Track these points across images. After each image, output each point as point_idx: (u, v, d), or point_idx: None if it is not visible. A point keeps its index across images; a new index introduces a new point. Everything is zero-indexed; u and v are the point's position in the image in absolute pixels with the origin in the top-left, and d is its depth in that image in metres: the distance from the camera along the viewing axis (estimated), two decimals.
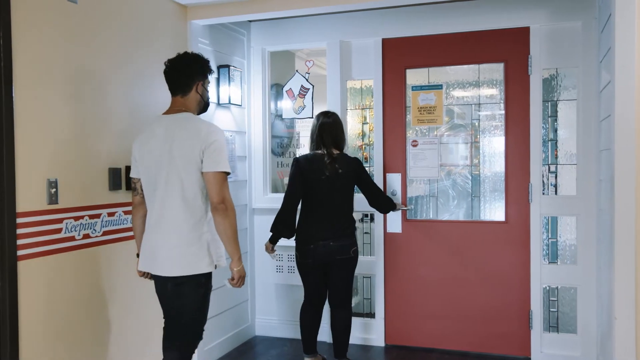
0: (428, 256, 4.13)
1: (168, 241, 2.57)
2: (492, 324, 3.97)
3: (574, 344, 3.83)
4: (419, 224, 4.16)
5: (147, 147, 2.63)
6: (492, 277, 3.97)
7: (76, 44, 2.82)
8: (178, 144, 2.54)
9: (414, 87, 4.14)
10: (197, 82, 2.70)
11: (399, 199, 4.12)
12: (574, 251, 3.88)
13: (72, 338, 2.79)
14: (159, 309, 3.41)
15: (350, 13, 4.16)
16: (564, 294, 4.03)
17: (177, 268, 2.56)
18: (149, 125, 2.72)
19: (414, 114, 4.15)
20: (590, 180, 3.73)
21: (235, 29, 4.28)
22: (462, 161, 4.13)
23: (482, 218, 4.07)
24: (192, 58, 2.72)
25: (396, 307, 4.22)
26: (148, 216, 2.66)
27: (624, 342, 2.83)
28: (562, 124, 3.95)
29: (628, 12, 2.80)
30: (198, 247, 2.57)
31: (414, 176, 4.18)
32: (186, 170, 2.54)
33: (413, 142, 4.15)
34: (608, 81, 3.13)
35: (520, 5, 3.85)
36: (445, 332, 4.10)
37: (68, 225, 2.75)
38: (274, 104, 4.69)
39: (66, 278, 2.75)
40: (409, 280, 4.18)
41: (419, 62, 4.13)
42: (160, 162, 2.57)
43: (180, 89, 2.69)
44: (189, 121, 2.61)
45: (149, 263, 2.64)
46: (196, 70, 2.70)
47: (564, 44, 3.80)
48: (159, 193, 2.58)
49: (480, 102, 4.03)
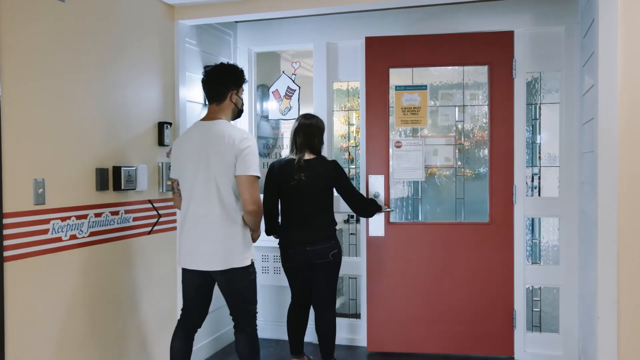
0: (412, 260, 4.03)
1: (211, 238, 2.81)
2: (476, 325, 3.97)
3: (556, 343, 3.90)
4: (403, 227, 4.08)
5: (184, 150, 2.89)
6: (476, 278, 3.97)
7: (64, 43, 2.79)
8: (214, 150, 2.79)
9: (398, 87, 4.05)
10: (232, 91, 2.94)
11: (382, 201, 4.00)
12: (556, 252, 3.95)
13: (59, 339, 2.76)
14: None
15: (337, 15, 4.17)
16: (546, 294, 4.10)
17: (217, 263, 2.82)
18: (188, 129, 2.98)
19: (397, 114, 4.06)
20: (573, 182, 3.80)
21: (221, 29, 4.28)
22: (446, 163, 4.11)
23: (466, 220, 4.07)
24: (227, 68, 2.96)
25: (379, 313, 4.09)
26: (184, 214, 2.90)
27: (607, 340, 2.89)
28: (545, 127, 4.02)
29: (611, 17, 2.85)
30: (235, 244, 2.84)
31: (397, 178, 4.10)
32: (221, 173, 2.79)
33: (397, 143, 4.05)
34: (591, 85, 3.19)
35: (504, 10, 3.91)
36: (428, 336, 4.04)
37: (55, 226, 2.72)
38: (260, 105, 4.69)
39: (53, 279, 2.73)
40: (392, 285, 4.07)
41: (403, 61, 4.04)
42: (197, 166, 2.83)
43: (216, 97, 2.93)
44: (224, 128, 2.84)
45: (190, 260, 2.88)
46: (230, 80, 2.94)
47: (547, 48, 3.87)
48: (196, 193, 2.83)
49: (465, 103, 4.05)
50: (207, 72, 2.96)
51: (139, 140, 3.35)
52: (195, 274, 2.92)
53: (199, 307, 3.03)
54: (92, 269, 2.99)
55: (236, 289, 2.92)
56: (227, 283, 2.90)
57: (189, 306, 3.03)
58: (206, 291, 3.02)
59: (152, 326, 3.50)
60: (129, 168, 3.18)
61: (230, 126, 2.88)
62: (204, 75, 2.98)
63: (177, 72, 3.69)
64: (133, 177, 3.21)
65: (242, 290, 2.92)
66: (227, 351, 4.22)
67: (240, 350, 3.00)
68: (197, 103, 3.97)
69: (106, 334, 3.09)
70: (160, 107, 3.55)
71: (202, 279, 2.93)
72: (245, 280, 2.91)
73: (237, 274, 2.87)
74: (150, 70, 3.46)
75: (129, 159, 3.25)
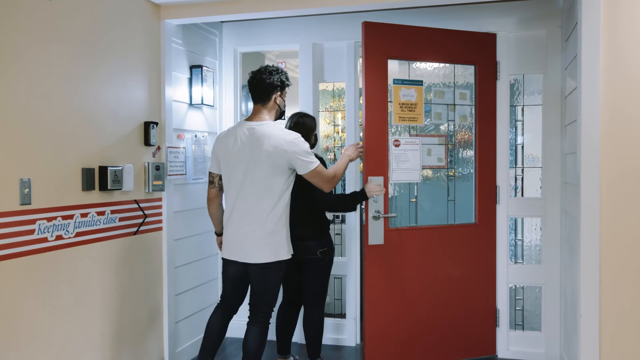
0: (410, 267, 3.78)
1: (254, 233, 3.00)
2: (461, 326, 3.93)
3: (538, 341, 3.96)
4: (401, 233, 3.75)
5: (229, 148, 3.06)
6: (463, 280, 3.92)
7: (49, 41, 2.76)
8: (260, 150, 2.97)
9: (396, 80, 3.78)
10: (276, 93, 3.13)
11: (380, 206, 3.60)
12: (539, 251, 4.01)
13: (45, 341, 2.73)
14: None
15: (323, 16, 4.18)
16: (529, 293, 4.17)
17: (264, 256, 3.01)
18: (232, 128, 3.15)
19: (395, 110, 3.75)
20: (555, 183, 3.87)
21: (207, 29, 4.26)
22: (438, 163, 3.93)
23: (457, 221, 3.98)
24: (272, 71, 3.12)
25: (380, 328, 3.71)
26: (228, 209, 3.10)
27: (589, 338, 2.95)
28: (528, 128, 4.07)
29: (594, 21, 2.91)
30: (279, 238, 3.03)
31: (396, 179, 3.76)
32: (267, 173, 2.98)
33: (395, 142, 3.75)
34: (574, 87, 3.25)
35: (488, 13, 3.95)
36: (424, 345, 3.84)
37: (41, 227, 2.69)
38: (245, 105, 4.68)
39: (39, 280, 2.70)
40: (391, 296, 3.74)
41: (402, 53, 3.77)
42: (244, 165, 3.01)
43: (261, 98, 3.12)
44: (272, 131, 3.02)
45: (235, 252, 3.07)
46: (275, 82, 3.11)
47: (529, 51, 3.93)
48: (244, 191, 3.02)
49: (456, 102, 3.96)
50: (254, 74, 3.13)
51: (125, 140, 3.33)
52: (237, 265, 3.10)
53: (237, 295, 3.22)
54: (78, 270, 2.96)
55: (266, 282, 3.07)
56: (260, 275, 3.05)
57: (228, 294, 3.21)
58: (245, 281, 3.17)
59: (138, 326, 3.48)
60: (115, 168, 3.16)
61: (278, 129, 3.07)
62: (250, 76, 3.15)
63: (163, 72, 3.67)
64: (119, 177, 3.19)
65: (271, 284, 3.09)
66: None
67: (250, 343, 3.10)
68: (183, 103, 3.96)
69: (92, 335, 3.07)
70: (146, 106, 3.53)
71: (242, 270, 3.10)
72: (277, 275, 3.08)
73: (275, 267, 3.05)
74: (136, 70, 3.43)
75: (115, 159, 3.23)
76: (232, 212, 3.08)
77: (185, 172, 3.91)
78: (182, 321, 3.94)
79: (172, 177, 3.75)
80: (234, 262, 3.11)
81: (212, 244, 4.35)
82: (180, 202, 3.88)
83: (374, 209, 3.60)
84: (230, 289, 3.20)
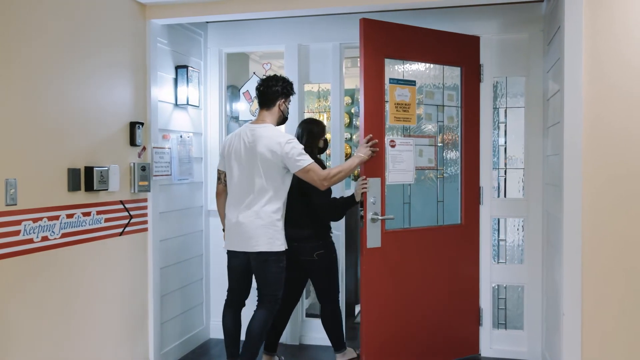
0: (405, 270, 3.70)
1: (250, 224, 3.25)
2: (446, 326, 3.92)
3: (520, 340, 4.02)
4: (396, 235, 3.67)
5: (233, 147, 3.36)
6: (449, 281, 3.91)
7: (33, 41, 2.73)
8: (260, 150, 3.23)
9: (392, 79, 3.66)
10: (280, 100, 3.40)
11: (378, 208, 3.50)
12: (521, 251, 4.07)
13: (31, 341, 2.71)
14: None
15: (309, 17, 4.19)
16: (511, 292, 4.23)
17: (259, 245, 3.25)
18: (239, 129, 3.43)
19: (391, 110, 3.65)
20: (537, 184, 3.93)
21: (192, 29, 4.25)
22: (429, 164, 3.88)
23: (446, 222, 3.95)
24: (278, 80, 3.40)
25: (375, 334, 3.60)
26: (228, 203, 3.40)
27: (571, 336, 3.01)
28: (510, 130, 4.13)
29: (576, 25, 2.97)
30: (274, 231, 3.26)
31: (392, 181, 3.66)
32: (262, 171, 3.24)
33: (391, 142, 3.67)
34: (556, 90, 3.31)
35: (473, 16, 4.00)
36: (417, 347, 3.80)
37: (26, 227, 2.67)
38: (229, 105, 4.68)
39: (24, 281, 2.67)
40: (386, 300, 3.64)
41: (398, 52, 3.69)
42: (243, 162, 3.30)
43: (266, 104, 3.40)
44: (269, 131, 3.29)
45: (236, 243, 3.32)
46: (280, 90, 3.38)
47: (512, 54, 3.98)
48: (241, 186, 3.31)
49: (445, 104, 3.93)
50: (263, 81, 3.42)
51: (111, 140, 3.31)
52: (239, 257, 3.34)
53: (242, 287, 3.47)
54: (64, 271, 2.93)
55: (266, 272, 3.30)
56: (260, 266, 3.30)
57: (234, 288, 3.47)
58: (248, 273, 3.42)
59: (124, 328, 3.46)
60: (101, 168, 3.13)
61: (274, 129, 3.34)
62: (258, 83, 3.43)
63: (149, 72, 3.65)
64: (105, 178, 3.17)
65: (271, 274, 3.31)
66: (197, 352, 4.19)
67: (253, 325, 3.34)
68: (169, 103, 3.94)
69: (77, 336, 3.04)
70: (132, 106, 3.51)
71: (245, 262, 3.34)
72: (276, 265, 3.30)
73: (272, 257, 3.27)
74: (121, 70, 3.41)
75: (101, 159, 3.20)
76: (231, 205, 3.37)
77: (170, 172, 3.89)
78: (168, 322, 3.93)
79: (158, 177, 3.74)
80: (236, 253, 3.36)
81: (198, 245, 4.36)
82: (165, 202, 3.87)
83: (372, 211, 3.50)
84: (235, 282, 3.45)
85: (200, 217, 4.39)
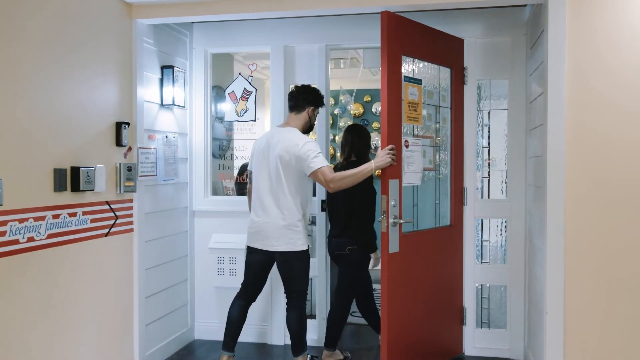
0: (417, 272, 3.63)
1: (271, 224, 3.40)
2: (435, 326, 3.92)
3: (503, 339, 4.08)
4: (410, 238, 3.54)
5: (261, 149, 3.52)
6: (440, 282, 3.91)
7: (18, 40, 2.71)
8: (280, 152, 3.39)
9: (406, 77, 3.49)
10: (309, 108, 3.58)
11: (397, 211, 3.36)
12: (504, 252, 4.13)
13: (16, 343, 2.68)
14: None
15: (295, 19, 4.21)
16: (494, 291, 4.29)
17: (280, 245, 3.40)
18: (268, 132, 3.65)
19: (405, 109, 3.47)
20: (519, 185, 3.99)
21: (178, 29, 4.24)
22: (430, 165, 3.80)
23: (441, 224, 3.98)
24: (311, 89, 3.61)
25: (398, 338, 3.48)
26: (253, 202, 3.55)
27: (554, 334, 3.07)
28: (494, 132, 4.19)
29: (560, 29, 3.04)
30: (295, 232, 3.40)
31: (406, 182, 3.48)
32: (281, 172, 3.39)
33: (406, 142, 3.48)
34: (539, 93, 3.38)
35: (457, 19, 4.05)
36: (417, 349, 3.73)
37: (12, 228, 2.64)
38: (214, 106, 4.67)
39: (10, 282, 2.64)
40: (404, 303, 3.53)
41: (412, 50, 3.55)
42: (266, 163, 3.46)
43: (296, 107, 3.57)
44: (292, 135, 3.44)
45: (259, 241, 3.46)
46: (311, 99, 3.58)
47: (495, 57, 4.04)
48: (267, 187, 3.44)
49: (440, 104, 3.91)
50: (297, 88, 3.62)
51: (97, 140, 3.29)
52: (260, 253, 3.48)
53: (257, 283, 3.61)
54: (50, 272, 2.90)
55: (291, 270, 3.45)
56: (283, 264, 3.45)
57: (249, 282, 3.60)
58: (266, 270, 3.59)
59: (109, 328, 3.43)
60: (87, 168, 3.11)
61: (296, 133, 3.47)
62: (292, 88, 3.64)
63: (135, 72, 3.63)
64: (92, 178, 3.14)
65: (296, 271, 3.46)
66: (182, 354, 4.18)
67: (291, 324, 3.51)
68: (154, 103, 3.93)
69: (62, 337, 3.01)
70: (118, 106, 3.49)
71: (265, 258, 3.49)
72: (300, 263, 3.45)
73: (294, 256, 3.41)
74: (108, 69, 3.39)
75: (87, 160, 3.18)
76: (255, 205, 3.53)
77: (156, 173, 3.88)
78: (153, 323, 3.91)
79: (143, 178, 3.72)
80: (255, 250, 3.50)
81: (182, 246, 4.34)
82: (151, 203, 3.85)
83: (393, 215, 3.33)
84: (251, 277, 3.58)
85: (185, 218, 4.38)
